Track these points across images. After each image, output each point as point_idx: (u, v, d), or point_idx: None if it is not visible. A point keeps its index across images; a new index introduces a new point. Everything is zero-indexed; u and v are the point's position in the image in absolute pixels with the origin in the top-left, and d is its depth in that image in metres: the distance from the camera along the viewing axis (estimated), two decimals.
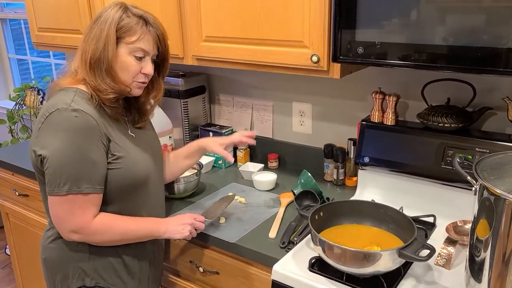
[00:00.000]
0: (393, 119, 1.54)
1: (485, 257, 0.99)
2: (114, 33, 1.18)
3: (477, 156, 1.34)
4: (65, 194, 1.14)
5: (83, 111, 1.15)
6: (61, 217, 1.18)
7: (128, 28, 1.20)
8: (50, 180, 1.15)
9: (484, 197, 0.97)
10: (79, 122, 1.14)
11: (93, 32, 1.20)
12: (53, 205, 1.18)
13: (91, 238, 1.22)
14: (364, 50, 1.25)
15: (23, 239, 2.29)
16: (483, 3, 1.06)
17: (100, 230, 1.20)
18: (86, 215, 1.17)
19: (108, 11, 1.21)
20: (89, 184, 1.15)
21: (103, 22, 1.19)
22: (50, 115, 1.14)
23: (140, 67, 1.23)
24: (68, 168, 1.13)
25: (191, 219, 1.33)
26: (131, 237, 1.26)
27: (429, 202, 1.47)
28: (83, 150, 1.14)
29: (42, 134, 1.16)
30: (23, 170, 2.08)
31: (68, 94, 1.18)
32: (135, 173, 1.25)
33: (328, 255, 1.15)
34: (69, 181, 1.14)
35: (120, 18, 1.19)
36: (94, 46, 1.18)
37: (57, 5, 2.08)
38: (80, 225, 1.18)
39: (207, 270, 1.48)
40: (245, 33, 1.50)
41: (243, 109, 2.06)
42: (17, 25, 3.52)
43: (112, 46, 1.18)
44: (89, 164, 1.15)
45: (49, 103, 1.19)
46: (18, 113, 3.19)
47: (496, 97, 1.41)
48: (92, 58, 1.19)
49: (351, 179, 1.74)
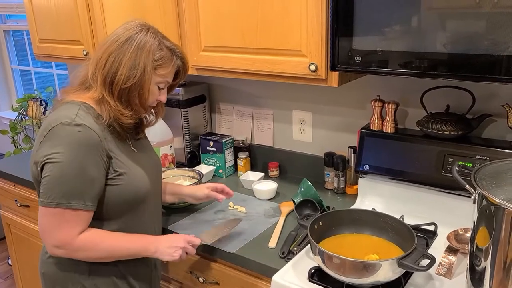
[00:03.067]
0: (393, 127, 1.53)
1: (486, 266, 0.98)
2: (152, 64, 1.18)
3: (478, 164, 1.33)
4: (54, 207, 1.12)
5: (86, 126, 1.13)
6: (46, 230, 1.16)
7: (163, 62, 1.20)
8: (43, 191, 1.13)
9: (483, 206, 0.96)
10: (82, 137, 1.12)
11: (126, 54, 1.16)
12: (41, 216, 1.15)
13: (76, 254, 1.18)
14: (362, 59, 1.25)
15: (24, 250, 2.29)
16: (482, 10, 1.06)
17: (85, 247, 1.17)
18: (71, 231, 1.14)
19: (141, 36, 1.18)
20: (80, 200, 1.13)
21: (138, 47, 1.16)
22: (52, 129, 1.13)
23: (158, 95, 1.25)
24: (63, 182, 1.11)
25: (184, 243, 1.27)
26: (119, 255, 1.23)
27: (430, 210, 1.46)
28: (82, 166, 1.12)
29: (43, 146, 1.14)
30: (24, 181, 2.08)
31: (72, 108, 1.16)
32: (136, 190, 1.24)
33: (328, 265, 1.14)
34: (61, 195, 1.11)
35: (158, 47, 1.19)
36: (128, 72, 1.15)
37: (58, 16, 2.10)
38: (63, 241, 1.15)
39: (207, 280, 1.47)
40: (243, 42, 1.51)
41: (244, 118, 2.06)
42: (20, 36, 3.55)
43: (148, 77, 1.17)
44: (86, 181, 1.13)
45: (52, 116, 1.17)
46: (21, 123, 3.20)
47: (496, 104, 1.41)
48: (123, 84, 1.16)
49: (351, 187, 1.73)
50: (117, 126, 1.21)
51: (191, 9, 1.60)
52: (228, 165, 1.98)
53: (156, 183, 1.35)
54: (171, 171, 1.83)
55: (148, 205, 1.30)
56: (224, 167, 1.96)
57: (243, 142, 2.01)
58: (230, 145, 1.98)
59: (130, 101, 1.19)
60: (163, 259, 1.27)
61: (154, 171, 1.35)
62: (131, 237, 1.25)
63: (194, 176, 1.81)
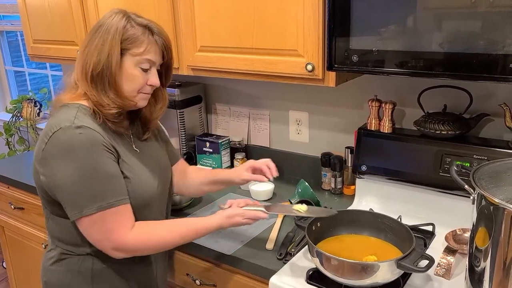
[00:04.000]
0: (390, 127, 1.53)
1: (485, 266, 0.97)
2: (119, 44, 1.12)
3: (475, 163, 1.33)
4: (94, 213, 1.07)
5: (87, 126, 1.09)
6: (98, 239, 1.11)
7: (133, 39, 1.13)
8: (73, 204, 1.08)
9: (482, 206, 0.95)
10: (85, 139, 1.08)
11: (94, 42, 1.13)
12: (86, 229, 1.11)
13: (135, 253, 1.16)
14: (359, 58, 1.24)
15: (19, 252, 2.27)
16: (478, 9, 1.05)
17: (139, 245, 1.14)
18: (120, 229, 1.11)
19: (110, 20, 1.14)
20: (115, 196, 1.09)
21: (105, 31, 1.12)
22: (53, 135, 1.08)
23: (146, 78, 1.17)
24: (87, 187, 1.07)
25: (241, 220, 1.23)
26: (178, 243, 1.19)
27: (428, 211, 1.46)
28: (98, 164, 1.08)
29: (49, 157, 1.09)
30: (19, 183, 2.06)
31: (70, 111, 1.13)
32: (139, 194, 1.18)
33: (326, 267, 1.13)
34: (95, 199, 1.07)
35: (124, 28, 1.13)
36: (96, 58, 1.12)
37: (52, 16, 2.08)
38: (117, 241, 1.11)
39: (204, 283, 1.46)
40: (240, 42, 1.50)
41: (240, 119, 2.05)
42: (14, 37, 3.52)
43: (116, 58, 1.12)
44: (109, 177, 1.10)
45: (51, 121, 1.13)
46: (15, 125, 3.18)
47: (493, 104, 1.40)
48: (94, 71, 1.12)
49: (349, 187, 1.73)
50: (108, 122, 1.16)
51: (186, 9, 1.59)
52: (225, 166, 1.97)
53: (162, 185, 1.28)
54: None
55: (151, 211, 1.24)
56: (220, 168, 1.95)
57: (240, 142, 2.00)
58: (226, 146, 1.97)
59: (105, 88, 1.13)
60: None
61: (160, 173, 1.28)
62: (181, 226, 1.20)
63: None
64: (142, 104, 1.22)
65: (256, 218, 1.25)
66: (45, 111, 3.23)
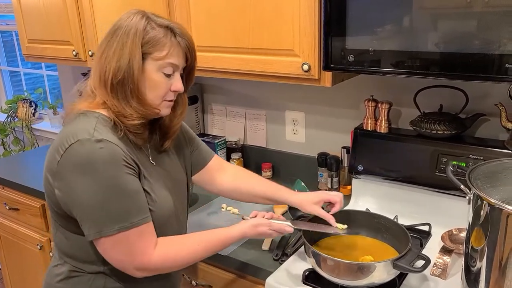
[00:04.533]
0: (386, 127, 1.52)
1: (481, 266, 0.97)
2: (140, 48, 1.02)
3: (471, 163, 1.33)
4: (116, 233, 0.99)
5: (107, 140, 1.00)
6: (120, 260, 1.04)
7: (155, 42, 1.04)
8: (89, 224, 1.00)
9: (478, 206, 0.95)
10: (106, 154, 0.99)
11: (112, 47, 1.03)
12: (106, 250, 1.03)
13: (160, 271, 1.09)
14: (355, 58, 1.24)
15: (14, 253, 2.26)
16: (473, 9, 1.05)
17: (163, 264, 1.07)
18: (144, 249, 1.03)
19: (128, 22, 1.04)
20: (138, 215, 1.02)
21: (124, 34, 1.03)
22: (70, 147, 0.99)
23: (170, 84, 1.08)
24: (107, 206, 0.99)
25: (270, 231, 1.18)
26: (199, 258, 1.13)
27: (424, 210, 1.45)
28: (120, 182, 1.00)
29: (65, 171, 1.00)
30: (14, 184, 2.05)
31: (89, 121, 1.03)
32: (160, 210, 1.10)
33: (322, 267, 1.13)
34: (117, 218, 0.99)
35: (144, 30, 1.03)
36: (115, 64, 1.02)
37: (47, 16, 2.07)
38: (141, 261, 1.04)
39: (200, 283, 1.45)
40: (236, 42, 1.49)
41: (236, 119, 2.05)
42: (9, 37, 3.50)
43: (138, 64, 1.02)
44: (132, 195, 1.02)
45: (67, 130, 1.03)
46: (10, 125, 3.16)
47: (489, 103, 1.40)
48: (113, 79, 1.02)
49: (345, 187, 1.72)
50: (129, 134, 1.07)
51: (182, 9, 1.59)
52: None
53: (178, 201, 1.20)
54: None
55: (172, 226, 1.16)
56: None
57: (236, 143, 2.00)
58: (222, 146, 1.97)
59: (127, 97, 1.04)
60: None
61: (176, 189, 1.20)
62: (213, 239, 1.13)
63: None
64: (166, 113, 1.12)
65: (281, 232, 1.19)
66: (41, 111, 3.22)
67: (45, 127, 3.09)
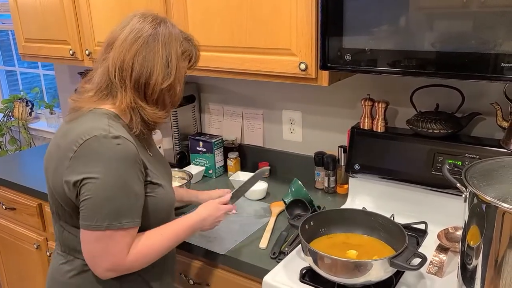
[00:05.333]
0: (383, 126, 1.53)
1: (477, 264, 0.98)
2: (181, 57, 1.11)
3: (467, 162, 1.34)
4: (104, 229, 1.01)
5: (124, 138, 1.02)
6: (96, 255, 1.05)
7: (188, 53, 1.13)
8: (87, 214, 1.02)
9: (474, 204, 0.96)
10: (123, 151, 1.01)
11: (157, 52, 1.06)
12: (88, 242, 1.04)
13: (129, 271, 1.09)
14: (352, 57, 1.25)
15: (10, 253, 2.25)
16: (469, 9, 1.06)
17: (136, 261, 1.08)
18: (122, 251, 1.05)
19: (163, 29, 1.09)
20: (129, 218, 1.04)
21: (166, 43, 1.08)
22: (85, 143, 1.00)
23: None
24: (110, 202, 1.01)
25: (223, 216, 1.29)
26: (168, 251, 1.16)
27: (420, 209, 1.46)
28: (127, 182, 1.02)
29: (78, 162, 1.01)
30: (10, 183, 2.04)
31: (100, 119, 1.05)
32: (169, 200, 1.18)
33: (319, 265, 1.13)
34: (110, 216, 1.01)
35: (181, 41, 1.11)
36: (163, 72, 1.07)
37: (44, 15, 2.06)
38: (115, 263, 1.05)
39: (198, 282, 1.46)
40: (233, 42, 1.50)
41: (233, 118, 2.05)
42: (5, 36, 3.49)
43: (180, 73, 1.11)
44: (132, 197, 1.04)
45: (78, 128, 1.04)
46: (6, 124, 3.15)
47: (485, 103, 1.41)
48: (161, 85, 1.07)
49: (342, 186, 1.73)
50: (148, 133, 1.13)
51: (179, 8, 1.59)
52: (218, 166, 1.97)
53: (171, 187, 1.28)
54: None
55: (172, 213, 1.24)
56: (214, 168, 1.95)
57: (233, 142, 2.00)
58: (220, 145, 1.97)
59: (165, 101, 1.11)
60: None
61: (169, 175, 1.28)
62: (173, 229, 1.16)
63: (184, 177, 1.79)
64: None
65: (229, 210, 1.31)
66: (37, 111, 3.21)
67: (41, 126, 3.08)
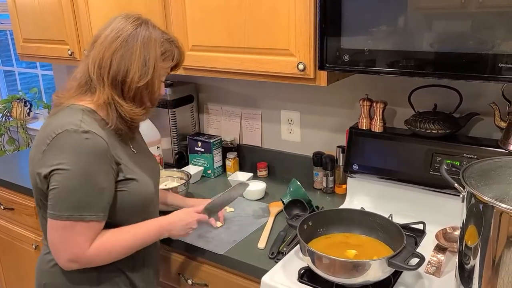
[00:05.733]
0: (381, 126, 1.53)
1: (475, 264, 0.98)
2: (160, 59, 1.14)
3: (465, 162, 1.34)
4: (65, 220, 1.06)
5: (94, 132, 1.07)
6: (57, 244, 1.09)
7: (168, 55, 1.16)
8: (53, 203, 1.07)
9: (472, 204, 0.96)
10: (91, 145, 1.06)
11: (135, 52, 1.10)
12: (52, 229, 1.09)
13: (91, 264, 1.13)
14: (350, 58, 1.25)
15: (9, 253, 2.25)
16: (467, 10, 1.06)
17: (98, 256, 1.12)
18: (83, 244, 1.08)
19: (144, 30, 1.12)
20: (92, 211, 1.07)
21: (145, 43, 1.11)
22: (57, 137, 1.05)
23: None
24: (74, 194, 1.05)
25: (195, 224, 1.30)
26: (134, 250, 1.19)
27: (419, 209, 1.46)
28: (93, 175, 1.06)
29: (48, 155, 1.06)
30: (9, 183, 2.04)
31: (76, 114, 1.09)
32: (145, 195, 1.20)
33: (317, 265, 1.13)
34: (72, 207, 1.06)
35: (161, 41, 1.14)
36: (140, 71, 1.11)
37: (42, 15, 2.06)
38: (76, 254, 1.09)
39: (196, 282, 1.46)
40: (231, 42, 1.50)
41: (232, 118, 2.05)
42: (4, 36, 3.49)
43: (158, 72, 1.13)
44: (97, 191, 1.07)
45: (54, 123, 1.09)
46: (5, 125, 3.15)
47: (483, 103, 1.41)
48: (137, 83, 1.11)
49: (340, 186, 1.73)
50: (126, 129, 1.16)
51: (178, 8, 1.59)
52: (217, 166, 1.97)
53: (157, 184, 1.32)
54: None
55: (153, 208, 1.27)
56: (212, 168, 1.95)
57: (232, 142, 2.00)
58: (218, 145, 1.97)
59: (143, 99, 1.15)
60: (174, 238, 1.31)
61: (154, 169, 1.31)
62: (140, 229, 1.19)
63: (182, 177, 1.79)
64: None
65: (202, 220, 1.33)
66: (35, 111, 3.21)
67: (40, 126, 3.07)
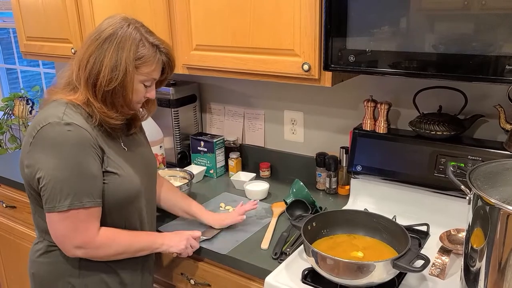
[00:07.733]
0: (385, 127, 1.53)
1: (481, 266, 0.98)
2: (134, 63, 1.13)
3: (470, 164, 1.34)
4: (66, 210, 1.10)
5: (76, 124, 1.11)
6: (64, 234, 1.14)
7: (145, 60, 1.15)
8: (49, 198, 1.10)
9: (478, 206, 0.96)
10: (73, 136, 1.10)
11: (107, 56, 1.12)
12: (54, 223, 1.13)
13: (96, 252, 1.18)
14: (355, 58, 1.24)
15: (10, 251, 2.25)
16: (472, 11, 1.06)
17: (105, 243, 1.18)
18: (90, 229, 1.14)
19: (122, 32, 1.13)
20: (90, 197, 1.12)
21: (119, 47, 1.12)
22: (41, 130, 1.10)
23: (146, 92, 1.22)
24: (67, 183, 1.09)
25: (188, 235, 1.34)
26: (132, 250, 1.24)
27: (422, 211, 1.46)
28: (81, 164, 1.10)
29: (34, 150, 1.11)
30: (10, 181, 2.04)
31: (59, 107, 1.14)
32: (127, 190, 1.22)
33: (321, 266, 1.13)
34: (70, 196, 1.10)
35: (138, 45, 1.14)
36: (109, 75, 1.12)
37: (46, 14, 2.06)
38: (85, 240, 1.14)
39: (199, 282, 1.45)
40: (236, 41, 1.49)
41: (235, 118, 2.05)
42: (6, 34, 3.49)
43: (130, 78, 1.13)
44: (89, 178, 1.12)
45: (39, 116, 1.15)
46: (7, 123, 3.14)
47: (488, 105, 1.41)
48: (106, 86, 1.12)
49: (343, 187, 1.73)
50: (107, 127, 1.19)
51: (182, 7, 1.58)
52: (219, 166, 1.96)
53: (149, 182, 1.33)
54: (161, 171, 1.81)
55: (139, 204, 1.28)
56: (215, 168, 1.95)
57: (234, 142, 1.99)
58: (221, 145, 1.96)
59: (115, 103, 1.16)
60: (170, 251, 1.31)
61: (147, 169, 1.33)
62: (139, 233, 1.28)
63: (185, 177, 1.79)
64: (138, 109, 1.28)
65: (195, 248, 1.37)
66: (37, 109, 3.20)
67: None
